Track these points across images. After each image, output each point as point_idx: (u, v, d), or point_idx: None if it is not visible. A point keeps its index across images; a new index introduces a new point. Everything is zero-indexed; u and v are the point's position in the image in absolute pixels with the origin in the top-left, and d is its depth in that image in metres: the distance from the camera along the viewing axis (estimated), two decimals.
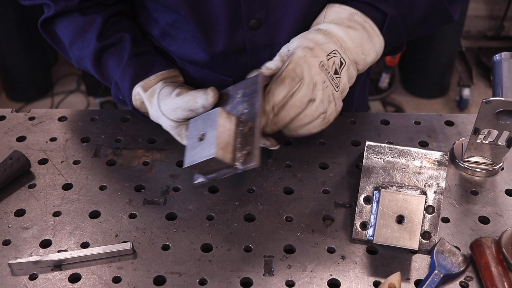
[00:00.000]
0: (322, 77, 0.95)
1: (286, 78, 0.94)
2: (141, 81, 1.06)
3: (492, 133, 1.04)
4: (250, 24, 1.06)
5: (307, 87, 0.94)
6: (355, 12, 0.99)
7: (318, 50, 0.96)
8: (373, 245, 0.94)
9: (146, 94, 1.05)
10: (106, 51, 1.12)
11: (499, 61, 1.02)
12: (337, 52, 0.97)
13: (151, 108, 1.04)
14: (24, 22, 3.17)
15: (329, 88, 0.96)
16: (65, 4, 1.12)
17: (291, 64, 0.95)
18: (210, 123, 0.91)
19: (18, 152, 1.08)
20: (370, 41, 0.99)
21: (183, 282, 0.89)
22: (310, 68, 0.94)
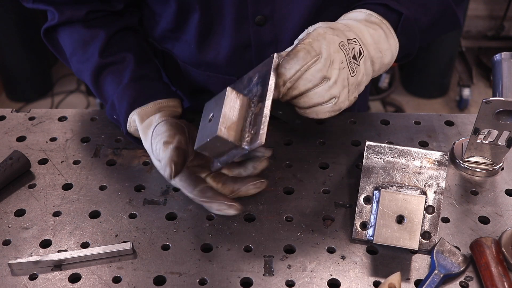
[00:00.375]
0: (341, 56, 0.90)
1: (301, 51, 0.88)
2: (138, 108, 1.03)
3: (492, 133, 1.04)
4: (256, 20, 1.06)
5: (324, 62, 0.88)
6: (371, 13, 0.97)
7: (339, 32, 0.92)
8: (373, 245, 0.94)
9: (142, 126, 1.02)
10: (107, 68, 1.10)
11: (499, 61, 1.02)
12: (357, 41, 0.93)
13: (145, 141, 1.01)
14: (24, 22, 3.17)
15: (345, 71, 0.90)
16: (71, 13, 1.10)
17: (308, 38, 0.89)
18: (219, 103, 0.88)
19: (18, 152, 1.08)
20: (386, 41, 0.97)
21: (183, 282, 0.89)
22: (330, 44, 0.89)
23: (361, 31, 0.95)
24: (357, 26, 0.95)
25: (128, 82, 1.07)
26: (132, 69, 1.09)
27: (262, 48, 1.11)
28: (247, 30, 1.08)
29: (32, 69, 3.39)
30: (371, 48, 0.95)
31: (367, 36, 0.95)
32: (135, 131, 1.05)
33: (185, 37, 1.15)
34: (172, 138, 0.95)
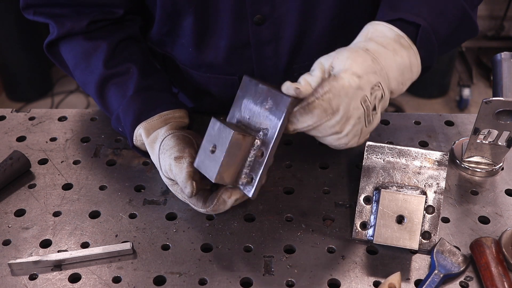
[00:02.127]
0: (359, 112, 0.84)
1: (317, 109, 0.82)
2: (144, 121, 1.02)
3: (492, 133, 1.04)
4: (255, 20, 1.06)
5: (339, 119, 0.83)
6: (402, 35, 0.90)
7: (365, 81, 0.84)
8: (373, 245, 0.94)
9: (148, 140, 1.00)
10: (111, 80, 1.09)
11: (499, 61, 1.02)
12: (380, 85, 0.86)
13: (152, 155, 1.00)
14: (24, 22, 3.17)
15: (360, 124, 0.86)
16: (71, 25, 1.09)
17: (329, 92, 0.82)
18: (223, 142, 0.87)
19: (18, 152, 1.08)
20: (410, 70, 0.90)
21: (183, 282, 0.89)
22: (350, 102, 0.82)
23: (388, 65, 0.88)
24: (385, 60, 0.88)
25: (133, 93, 1.06)
26: (137, 80, 1.08)
27: (261, 46, 1.11)
28: (246, 30, 1.08)
29: (32, 69, 3.39)
30: (394, 82, 0.89)
31: (393, 71, 0.88)
32: (141, 145, 1.04)
33: (181, 40, 1.15)
34: (183, 152, 0.94)
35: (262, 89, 0.89)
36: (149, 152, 1.01)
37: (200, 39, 1.12)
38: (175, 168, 0.93)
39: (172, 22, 1.12)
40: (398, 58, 0.88)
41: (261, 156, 0.87)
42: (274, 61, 1.14)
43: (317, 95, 0.82)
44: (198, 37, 1.12)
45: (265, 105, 0.88)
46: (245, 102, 0.90)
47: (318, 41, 1.12)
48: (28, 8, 1.13)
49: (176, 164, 0.93)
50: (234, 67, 1.15)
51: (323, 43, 1.13)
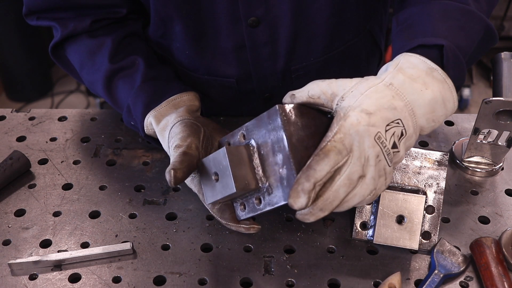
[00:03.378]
0: (376, 151, 0.78)
1: (331, 151, 0.76)
2: (153, 109, 1.02)
3: (492, 133, 1.04)
4: (249, 22, 1.06)
5: (358, 162, 0.77)
6: (435, 68, 0.82)
7: (377, 118, 0.78)
8: (373, 245, 0.94)
9: (158, 128, 1.00)
10: (118, 74, 1.09)
11: (499, 61, 1.02)
12: (400, 122, 0.79)
13: (164, 143, 0.99)
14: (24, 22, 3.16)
15: (382, 163, 0.79)
16: (74, 25, 1.10)
17: (339, 133, 0.77)
18: (220, 163, 0.84)
19: (18, 152, 1.08)
20: (444, 106, 0.82)
21: (183, 282, 0.89)
22: (363, 140, 0.77)
23: (413, 101, 0.80)
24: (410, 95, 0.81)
25: (141, 84, 1.06)
26: (143, 71, 1.08)
27: (257, 49, 1.11)
28: (241, 32, 1.08)
29: (32, 69, 3.39)
30: (421, 119, 0.82)
31: (422, 106, 0.81)
32: (153, 134, 1.04)
33: (176, 44, 1.15)
34: (184, 142, 0.92)
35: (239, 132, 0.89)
36: (160, 140, 1.01)
37: (194, 42, 1.12)
38: (171, 157, 0.92)
39: (164, 26, 1.12)
40: (428, 92, 0.81)
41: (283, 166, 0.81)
42: (271, 63, 1.14)
43: (328, 139, 0.77)
44: (193, 41, 1.12)
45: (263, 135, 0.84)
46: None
47: (315, 42, 1.12)
48: (31, 15, 1.14)
49: (173, 154, 0.92)
50: (231, 69, 1.15)
51: (319, 44, 1.13)
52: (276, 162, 0.81)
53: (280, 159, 0.80)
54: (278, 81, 1.18)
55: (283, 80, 1.17)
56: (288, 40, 1.10)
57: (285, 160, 0.80)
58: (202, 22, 1.08)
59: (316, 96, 0.82)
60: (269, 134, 0.82)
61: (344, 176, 0.77)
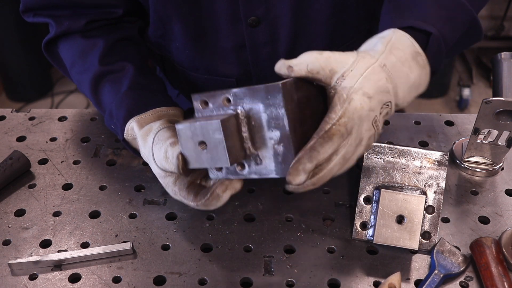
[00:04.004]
0: (371, 133, 0.83)
1: (335, 135, 0.79)
2: (137, 116, 0.99)
3: (492, 133, 1.04)
4: (249, 22, 1.06)
5: (354, 143, 0.81)
6: (420, 52, 0.86)
7: (376, 101, 0.82)
8: (373, 245, 0.94)
9: (141, 132, 0.97)
10: (106, 76, 1.08)
11: (499, 61, 1.02)
12: (390, 104, 0.84)
13: (144, 148, 0.96)
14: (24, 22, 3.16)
15: (370, 141, 0.85)
16: (69, 24, 1.10)
17: (344, 117, 0.79)
18: (213, 138, 0.83)
19: (18, 152, 1.08)
20: (417, 90, 0.88)
21: (183, 282, 0.89)
22: (362, 124, 0.81)
23: (400, 84, 0.85)
24: (399, 78, 0.85)
25: (127, 89, 1.04)
26: (132, 78, 1.06)
27: (257, 48, 1.11)
28: (241, 32, 1.08)
29: (32, 69, 3.39)
30: (401, 100, 0.87)
31: (404, 88, 0.85)
32: (132, 140, 1.01)
33: (175, 44, 1.15)
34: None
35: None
36: (140, 144, 0.98)
37: (194, 42, 1.12)
38: (170, 151, 0.90)
39: (164, 27, 1.12)
40: (411, 77, 0.85)
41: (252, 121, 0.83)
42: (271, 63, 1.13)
43: (332, 122, 0.79)
44: (192, 41, 1.11)
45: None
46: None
47: (315, 42, 1.12)
48: (27, 12, 1.14)
49: (171, 148, 0.90)
50: (232, 69, 1.15)
51: (320, 44, 1.13)
52: (271, 136, 0.81)
53: (277, 136, 0.81)
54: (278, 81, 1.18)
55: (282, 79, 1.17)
56: (288, 40, 1.10)
57: (283, 138, 0.80)
58: (202, 21, 1.08)
59: (315, 71, 0.82)
60: (266, 108, 0.82)
61: (340, 156, 0.80)
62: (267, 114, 0.82)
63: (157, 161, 0.93)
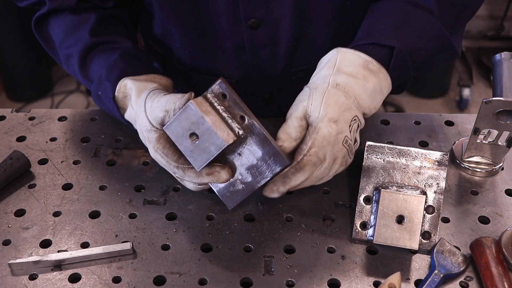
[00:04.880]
0: (343, 152, 0.90)
1: (307, 165, 0.87)
2: (132, 76, 1.00)
3: (492, 133, 1.04)
4: (249, 24, 1.06)
5: (327, 165, 0.89)
6: (370, 60, 0.92)
7: (342, 123, 0.88)
8: (373, 245, 0.94)
9: (136, 86, 0.97)
10: (97, 47, 1.07)
11: (499, 61, 1.02)
12: (357, 118, 0.90)
13: (135, 102, 0.96)
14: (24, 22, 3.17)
15: (345, 158, 0.92)
16: (61, 1, 1.09)
17: (314, 147, 0.86)
18: (193, 119, 0.85)
19: (18, 152, 1.08)
20: (381, 93, 0.94)
21: (183, 282, 0.89)
22: (334, 147, 0.88)
23: (359, 95, 0.90)
24: (356, 91, 0.90)
25: (119, 56, 1.04)
26: (124, 48, 1.06)
27: (257, 50, 1.11)
28: (241, 34, 1.08)
29: (32, 69, 3.39)
30: (366, 108, 0.92)
31: (365, 99, 0.91)
32: (122, 99, 1.01)
33: (175, 45, 1.15)
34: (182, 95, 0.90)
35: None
36: (132, 99, 0.98)
37: (194, 43, 1.12)
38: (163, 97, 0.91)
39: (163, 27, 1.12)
40: (369, 85, 0.91)
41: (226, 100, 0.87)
42: (271, 65, 1.14)
43: (303, 153, 0.87)
44: (192, 42, 1.11)
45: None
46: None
47: (316, 45, 1.12)
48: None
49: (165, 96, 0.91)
50: (232, 70, 1.15)
51: (320, 47, 1.12)
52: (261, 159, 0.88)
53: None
54: (278, 83, 1.18)
55: (283, 82, 1.17)
56: (288, 43, 1.10)
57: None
58: (202, 23, 1.07)
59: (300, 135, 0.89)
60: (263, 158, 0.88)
61: (314, 177, 0.89)
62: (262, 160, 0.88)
63: (147, 112, 0.93)
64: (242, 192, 0.91)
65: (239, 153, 0.89)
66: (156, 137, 0.92)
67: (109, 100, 1.02)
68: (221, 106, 0.87)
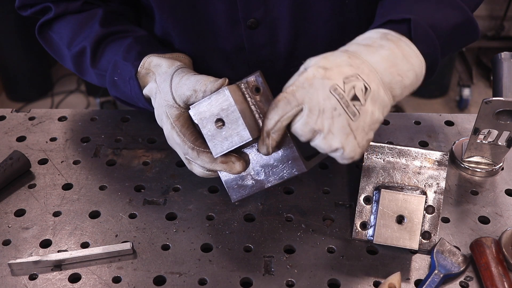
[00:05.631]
0: (332, 103, 0.79)
1: (281, 101, 0.81)
2: (157, 54, 1.00)
3: (492, 133, 1.04)
4: (248, 24, 1.06)
5: (310, 113, 0.80)
6: (388, 32, 0.86)
7: (335, 72, 0.80)
8: (373, 245, 0.94)
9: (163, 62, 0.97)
10: (108, 38, 1.07)
11: (499, 61, 1.02)
12: (359, 77, 0.81)
13: (159, 78, 0.95)
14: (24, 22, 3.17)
15: (342, 117, 0.79)
16: (66, 6, 1.10)
17: (292, 85, 0.82)
18: (224, 105, 0.84)
19: (18, 152, 1.08)
20: (406, 61, 0.85)
21: (183, 282, 0.89)
22: (316, 91, 0.79)
23: (374, 58, 0.84)
24: (365, 55, 0.84)
25: (134, 40, 1.04)
26: (137, 35, 1.06)
27: (256, 50, 1.11)
28: (240, 34, 1.08)
29: (32, 69, 3.39)
30: (385, 74, 0.83)
31: (379, 63, 0.83)
32: (144, 75, 0.99)
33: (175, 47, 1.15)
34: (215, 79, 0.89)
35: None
36: (158, 74, 0.97)
37: (193, 44, 1.12)
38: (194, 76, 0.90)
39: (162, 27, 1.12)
40: (384, 51, 0.84)
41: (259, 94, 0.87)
42: (271, 65, 1.13)
43: (283, 90, 0.83)
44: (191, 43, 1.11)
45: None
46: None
47: (315, 43, 1.12)
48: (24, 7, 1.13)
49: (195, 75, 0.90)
50: (232, 70, 1.15)
51: (319, 45, 1.12)
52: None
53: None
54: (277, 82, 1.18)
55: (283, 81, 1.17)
56: (287, 42, 1.10)
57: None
58: (201, 25, 1.07)
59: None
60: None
61: (296, 126, 0.81)
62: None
63: (174, 88, 0.92)
64: (251, 188, 0.91)
65: (257, 149, 0.89)
66: (177, 114, 0.91)
67: (128, 80, 1.01)
68: (252, 99, 0.87)
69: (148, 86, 0.98)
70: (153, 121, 1.15)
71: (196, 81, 0.89)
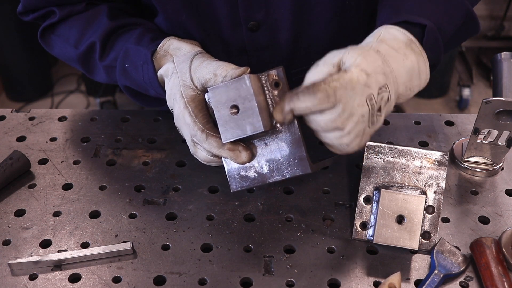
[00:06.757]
0: (364, 110, 0.82)
1: (320, 92, 0.79)
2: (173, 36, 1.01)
3: (492, 133, 1.04)
4: (249, 26, 1.06)
5: (341, 113, 0.80)
6: (414, 40, 0.88)
7: (373, 80, 0.82)
8: (373, 245, 0.94)
9: (183, 45, 0.98)
10: (118, 30, 1.07)
11: (499, 61, 1.02)
12: (387, 88, 0.84)
13: (178, 59, 0.96)
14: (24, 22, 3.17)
15: (363, 124, 0.83)
16: (71, 8, 1.10)
17: (337, 81, 0.80)
18: (242, 93, 0.84)
19: (18, 152, 1.08)
20: (419, 77, 0.89)
21: (183, 282, 0.89)
22: (355, 97, 0.80)
23: (397, 69, 0.86)
24: (394, 63, 0.86)
25: (145, 29, 1.04)
26: (147, 26, 1.07)
27: (258, 52, 1.11)
28: (241, 36, 1.08)
29: (32, 69, 3.39)
30: (402, 87, 0.87)
31: (403, 74, 0.86)
32: (161, 57, 0.99)
33: None
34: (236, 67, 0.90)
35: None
36: (178, 55, 0.97)
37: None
38: (216, 62, 0.91)
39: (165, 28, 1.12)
40: (408, 62, 0.87)
41: (277, 88, 0.87)
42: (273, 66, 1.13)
43: (325, 81, 0.80)
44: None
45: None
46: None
47: (316, 46, 1.12)
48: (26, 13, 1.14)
49: (217, 61, 0.91)
50: None
51: (320, 47, 1.12)
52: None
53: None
54: None
55: None
56: (289, 44, 1.10)
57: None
58: (203, 29, 1.08)
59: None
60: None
61: (321, 118, 0.81)
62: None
63: (193, 69, 0.92)
64: (252, 181, 0.91)
65: (266, 142, 0.89)
66: (192, 95, 0.92)
67: (141, 66, 1.01)
68: (269, 93, 0.88)
69: (164, 67, 0.98)
70: (153, 121, 1.16)
71: (217, 66, 0.90)
